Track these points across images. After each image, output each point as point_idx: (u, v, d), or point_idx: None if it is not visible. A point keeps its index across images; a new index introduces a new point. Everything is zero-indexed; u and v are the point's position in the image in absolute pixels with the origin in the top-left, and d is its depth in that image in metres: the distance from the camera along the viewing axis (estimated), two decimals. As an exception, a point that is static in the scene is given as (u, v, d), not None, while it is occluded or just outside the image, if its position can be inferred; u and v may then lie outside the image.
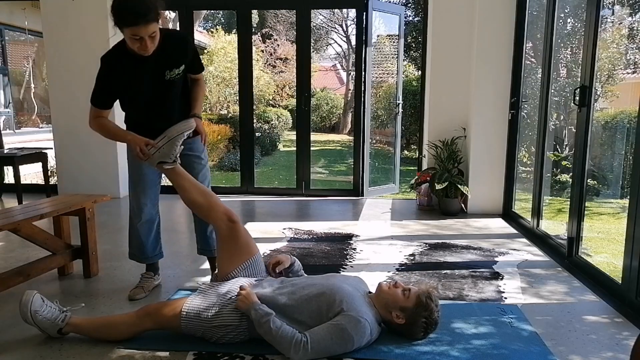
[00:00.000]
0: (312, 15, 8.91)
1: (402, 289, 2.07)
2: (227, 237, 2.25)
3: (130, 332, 2.08)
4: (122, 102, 2.46)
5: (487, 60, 4.45)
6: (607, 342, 2.15)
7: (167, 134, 2.28)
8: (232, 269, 2.22)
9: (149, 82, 2.35)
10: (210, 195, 2.33)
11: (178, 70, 2.38)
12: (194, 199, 2.31)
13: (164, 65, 2.34)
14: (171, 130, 2.28)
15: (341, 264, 3.21)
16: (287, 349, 1.88)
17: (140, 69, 2.30)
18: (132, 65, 2.29)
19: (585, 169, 3.04)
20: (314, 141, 7.21)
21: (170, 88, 2.42)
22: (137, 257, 2.72)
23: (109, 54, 2.32)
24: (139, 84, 2.34)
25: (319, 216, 4.63)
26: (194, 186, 2.33)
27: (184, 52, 2.40)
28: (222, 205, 2.31)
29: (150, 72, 2.33)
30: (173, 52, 2.35)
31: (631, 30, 5.28)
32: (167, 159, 2.29)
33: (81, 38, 5.14)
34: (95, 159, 5.33)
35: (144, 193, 2.57)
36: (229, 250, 2.25)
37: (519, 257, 3.36)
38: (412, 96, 9.87)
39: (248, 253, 2.26)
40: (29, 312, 2.03)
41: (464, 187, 4.50)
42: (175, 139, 2.27)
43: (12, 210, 2.64)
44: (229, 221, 2.24)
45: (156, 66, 2.32)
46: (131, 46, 2.19)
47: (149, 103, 2.42)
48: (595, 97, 3.07)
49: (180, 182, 2.33)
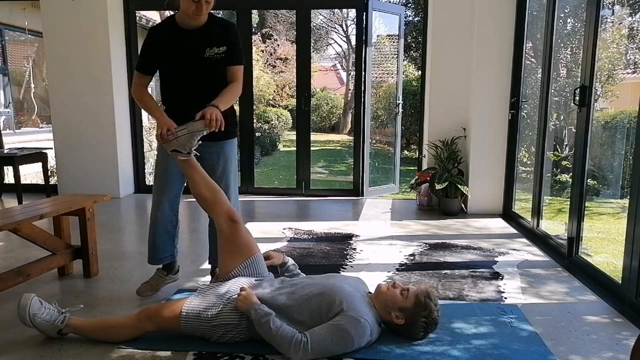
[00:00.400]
0: (312, 15, 8.92)
1: (400, 289, 2.07)
2: (228, 236, 2.25)
3: (129, 334, 2.08)
4: (162, 76, 2.51)
5: (487, 60, 4.46)
6: (607, 342, 2.15)
7: (189, 126, 2.31)
8: (233, 267, 2.22)
9: (189, 55, 2.43)
10: (218, 192, 2.34)
11: (218, 49, 2.44)
12: (201, 193, 2.32)
13: (205, 42, 2.43)
14: (191, 124, 2.32)
15: (341, 264, 3.21)
16: (287, 349, 1.88)
17: (183, 41, 2.41)
18: (177, 37, 2.42)
19: (585, 169, 3.04)
20: (314, 141, 7.21)
21: (208, 67, 2.45)
22: (148, 255, 2.71)
23: (157, 25, 2.51)
24: (179, 55, 2.42)
25: (319, 216, 4.63)
26: (204, 180, 2.35)
27: (227, 34, 2.48)
28: (227, 204, 2.32)
29: (192, 46, 2.42)
30: (216, 31, 2.46)
31: (631, 30, 5.28)
32: (181, 149, 2.32)
33: (81, 38, 5.15)
34: (95, 159, 5.33)
35: (164, 190, 2.57)
36: (229, 248, 2.26)
37: (519, 257, 3.36)
38: (412, 96, 9.87)
39: (249, 252, 2.26)
40: (28, 315, 2.03)
41: (464, 187, 4.50)
42: (195, 134, 2.30)
43: (12, 210, 2.64)
44: (231, 221, 2.25)
45: (199, 42, 2.42)
46: (186, 10, 2.31)
47: (185, 80, 2.46)
48: (595, 97, 3.07)
49: (191, 173, 2.34)
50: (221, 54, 2.45)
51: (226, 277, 2.21)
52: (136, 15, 5.62)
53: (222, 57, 2.46)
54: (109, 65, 5.17)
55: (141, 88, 2.49)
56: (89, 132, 5.32)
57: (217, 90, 2.45)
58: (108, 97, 5.23)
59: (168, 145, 2.33)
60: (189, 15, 2.34)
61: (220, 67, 2.48)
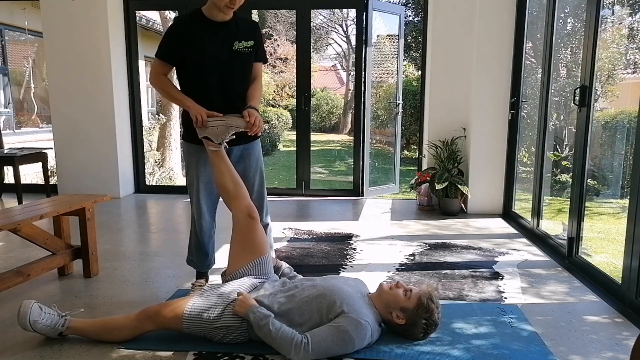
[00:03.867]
0: (312, 15, 8.92)
1: (403, 290, 2.07)
2: (244, 230, 2.28)
3: (130, 334, 2.08)
4: (185, 69, 2.43)
5: (487, 60, 4.46)
6: (607, 342, 2.15)
7: (227, 119, 2.34)
8: (241, 265, 2.23)
9: (216, 48, 2.39)
10: (241, 187, 2.37)
11: (246, 43, 2.44)
12: (226, 184, 2.34)
13: (233, 36, 2.42)
14: (232, 118, 2.34)
15: (341, 264, 3.21)
16: (287, 350, 1.87)
17: (212, 33, 2.37)
18: (205, 29, 2.37)
19: (585, 169, 3.04)
20: (314, 141, 7.21)
21: (236, 61, 2.43)
22: (196, 264, 2.71)
23: (184, 15, 2.44)
24: (205, 46, 2.37)
25: (319, 216, 4.63)
26: (230, 172, 2.37)
27: (253, 30, 2.50)
28: (248, 199, 2.35)
29: (220, 38, 2.39)
30: (243, 26, 2.47)
31: (631, 30, 5.27)
32: (214, 139, 2.34)
33: (81, 38, 5.15)
34: (95, 159, 5.34)
35: (206, 200, 2.57)
36: (242, 244, 2.28)
37: (519, 257, 3.36)
38: (412, 96, 9.87)
39: (259, 252, 2.28)
40: (28, 322, 2.03)
41: (464, 187, 4.50)
42: (231, 127, 2.33)
43: (12, 210, 2.63)
44: (249, 217, 2.28)
45: (227, 35, 2.40)
46: (218, 3, 2.28)
47: (212, 73, 2.41)
48: (595, 97, 3.07)
49: (219, 163, 2.36)
50: (249, 48, 2.45)
51: (234, 274, 2.22)
52: (136, 15, 5.62)
53: (249, 52, 2.46)
54: (109, 65, 5.17)
55: (163, 77, 2.43)
56: (89, 132, 5.32)
57: (242, 83, 2.48)
58: (108, 97, 5.22)
59: (203, 132, 2.34)
60: (221, 8, 2.31)
61: (247, 61, 2.49)
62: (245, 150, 2.57)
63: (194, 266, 2.72)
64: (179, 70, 2.46)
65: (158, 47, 2.41)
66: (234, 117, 2.36)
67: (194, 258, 2.70)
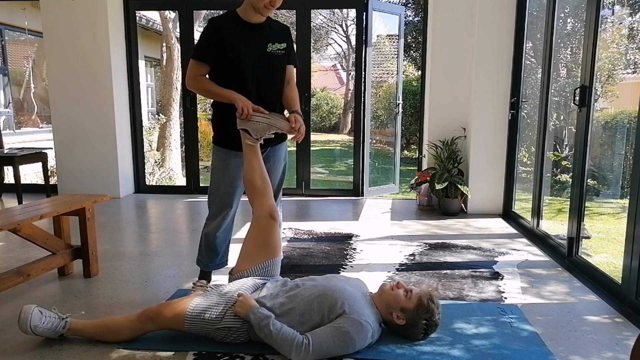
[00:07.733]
0: (312, 15, 8.91)
1: (404, 290, 2.07)
2: (263, 229, 2.29)
3: (131, 335, 2.09)
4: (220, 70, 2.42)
5: (487, 60, 4.46)
6: (607, 342, 2.15)
7: (271, 117, 2.34)
8: (252, 265, 2.24)
9: (251, 49, 2.40)
10: (268, 186, 2.39)
11: (280, 45, 2.45)
12: (254, 179, 2.36)
13: (267, 38, 2.43)
14: (276, 118, 2.35)
15: (341, 264, 3.21)
16: (288, 350, 1.87)
17: (245, 34, 2.39)
18: (239, 30, 2.38)
19: (585, 169, 3.04)
20: (314, 141, 7.20)
21: (270, 62, 2.45)
22: (204, 263, 2.71)
23: (219, 17, 2.45)
24: (241, 47, 2.38)
25: (319, 216, 4.63)
26: (260, 169, 2.38)
27: (286, 33, 2.52)
28: (272, 200, 2.37)
29: (254, 40, 2.40)
30: (276, 29, 2.50)
31: (631, 30, 5.27)
32: (253, 134, 2.34)
33: (81, 38, 5.15)
34: (95, 159, 5.34)
35: (230, 203, 2.57)
36: (257, 241, 2.29)
37: (519, 257, 3.36)
38: (412, 96, 9.87)
39: (273, 253, 2.29)
40: (29, 327, 2.03)
41: (464, 187, 4.50)
42: (273, 127, 2.34)
43: (12, 210, 2.63)
44: (270, 217, 2.30)
45: (262, 36, 2.42)
46: (257, 4, 2.30)
47: (248, 75, 2.41)
48: (595, 97, 3.07)
49: (252, 158, 2.37)
50: (282, 50, 2.46)
51: (240, 274, 2.23)
52: (136, 15, 5.62)
53: (282, 54, 2.47)
54: (109, 65, 5.17)
55: (201, 77, 2.41)
56: (89, 132, 5.32)
57: (276, 85, 2.50)
58: (108, 97, 5.23)
59: (244, 124, 2.34)
60: (259, 9, 2.32)
61: (280, 63, 2.50)
62: (272, 151, 2.59)
63: (202, 266, 2.72)
64: (212, 72, 2.45)
65: (194, 49, 2.42)
66: (279, 118, 2.37)
67: (203, 258, 2.70)
